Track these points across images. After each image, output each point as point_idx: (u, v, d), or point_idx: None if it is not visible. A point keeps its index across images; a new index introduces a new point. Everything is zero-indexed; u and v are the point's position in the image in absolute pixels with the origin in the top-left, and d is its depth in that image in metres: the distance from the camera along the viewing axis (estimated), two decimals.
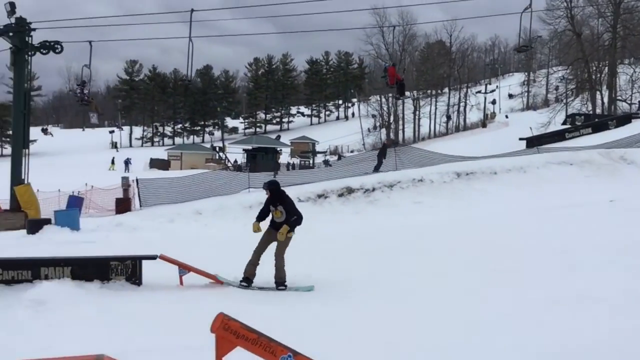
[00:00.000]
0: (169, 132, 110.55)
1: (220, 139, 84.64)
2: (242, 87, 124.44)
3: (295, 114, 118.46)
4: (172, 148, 77.45)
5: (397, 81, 19.84)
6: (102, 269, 8.15)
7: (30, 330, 6.01)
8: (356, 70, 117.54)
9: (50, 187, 24.18)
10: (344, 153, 67.68)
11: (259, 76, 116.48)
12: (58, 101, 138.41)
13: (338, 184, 19.63)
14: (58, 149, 79.56)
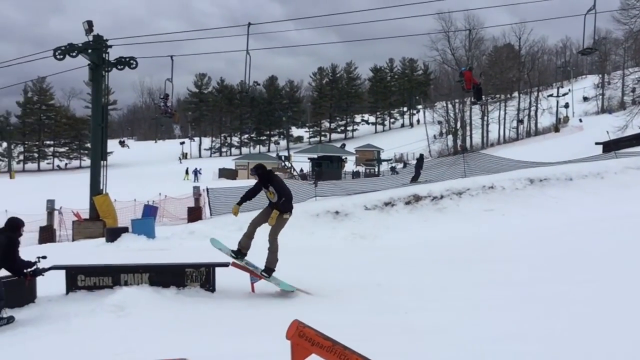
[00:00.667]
0: (236, 142, 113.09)
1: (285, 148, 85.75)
2: (306, 97, 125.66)
3: (359, 122, 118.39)
4: (239, 158, 79.12)
5: (473, 85, 19.38)
6: (177, 275, 8.39)
7: (112, 334, 6.25)
8: (421, 76, 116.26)
9: (126, 197, 25.24)
10: (409, 161, 66.94)
11: (323, 85, 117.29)
12: (132, 114, 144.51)
13: (405, 192, 19.40)
14: (133, 160, 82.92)
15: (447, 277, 9.65)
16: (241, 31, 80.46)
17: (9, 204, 25.99)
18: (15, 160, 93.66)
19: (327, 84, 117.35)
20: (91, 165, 21.35)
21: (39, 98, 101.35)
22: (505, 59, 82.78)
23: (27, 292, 8.16)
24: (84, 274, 8.38)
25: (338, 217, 18.20)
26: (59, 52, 19.24)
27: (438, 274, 10.00)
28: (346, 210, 18.47)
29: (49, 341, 6.22)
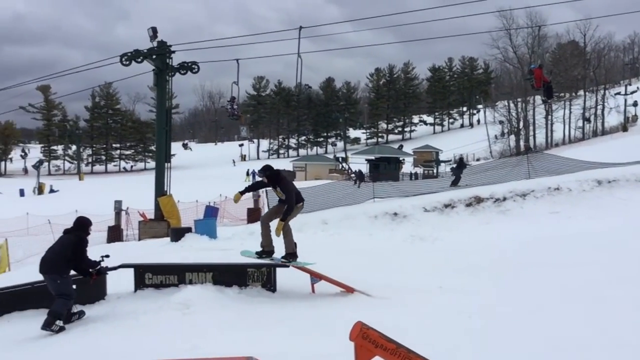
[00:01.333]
0: (293, 144, 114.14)
1: (342, 149, 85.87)
2: (363, 98, 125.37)
3: (417, 122, 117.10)
4: (296, 159, 79.84)
5: (544, 83, 18.76)
6: (240, 275, 8.55)
7: (178, 331, 6.44)
8: (481, 75, 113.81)
9: (189, 198, 25.93)
10: (469, 162, 65.67)
11: (380, 86, 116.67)
12: (193, 117, 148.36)
13: (466, 193, 19.05)
14: (194, 162, 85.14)
15: (512, 280, 9.41)
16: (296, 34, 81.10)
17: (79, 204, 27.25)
18: (84, 162, 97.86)
19: (384, 85, 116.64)
20: (156, 167, 21.97)
21: (106, 103, 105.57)
22: (570, 56, 79.87)
23: (97, 289, 8.52)
24: (151, 272, 8.67)
25: (396, 219, 18.07)
26: (126, 58, 19.92)
27: (502, 277, 9.76)
28: (405, 211, 18.32)
29: (118, 337, 6.48)
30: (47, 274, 7.62)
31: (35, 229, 24.16)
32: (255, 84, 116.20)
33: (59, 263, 7.63)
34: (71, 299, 7.69)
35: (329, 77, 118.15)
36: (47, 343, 6.87)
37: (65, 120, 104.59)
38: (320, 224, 18.67)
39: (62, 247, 7.77)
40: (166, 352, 5.28)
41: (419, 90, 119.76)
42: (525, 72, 66.28)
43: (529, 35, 69.28)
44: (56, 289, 7.53)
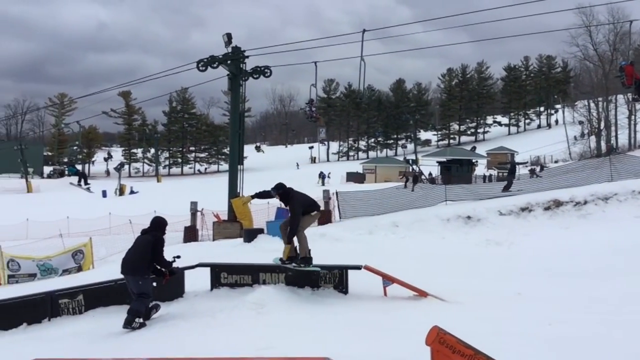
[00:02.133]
0: (363, 146, 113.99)
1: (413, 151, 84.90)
2: (435, 99, 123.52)
3: (491, 123, 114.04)
4: (366, 161, 79.64)
5: (635, 81, 17.81)
6: (312, 277, 8.61)
7: (253, 330, 6.57)
8: (559, 74, 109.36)
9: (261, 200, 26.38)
10: (547, 164, 63.22)
11: (453, 87, 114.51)
12: (264, 121, 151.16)
13: (544, 197, 18.34)
14: (266, 164, 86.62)
15: (594, 288, 8.97)
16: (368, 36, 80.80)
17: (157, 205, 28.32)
18: (161, 165, 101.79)
19: (457, 85, 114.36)
20: (229, 169, 22.52)
21: (182, 107, 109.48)
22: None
23: (176, 287, 8.84)
24: (227, 271, 8.90)
25: (470, 222, 17.67)
26: (202, 64, 20.57)
27: (583, 284, 9.33)
28: (478, 215, 17.88)
29: (197, 333, 6.68)
30: (129, 274, 7.90)
31: (117, 228, 25.29)
32: (326, 87, 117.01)
33: (140, 264, 7.90)
34: (150, 297, 7.97)
35: (399, 79, 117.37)
36: (130, 337, 7.18)
37: (144, 124, 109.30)
38: (390, 227, 18.53)
39: (142, 248, 7.99)
40: (242, 349, 5.39)
41: (493, 90, 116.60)
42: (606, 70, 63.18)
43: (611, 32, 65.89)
44: (137, 289, 7.83)
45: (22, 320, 8.89)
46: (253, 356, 4.44)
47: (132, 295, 7.87)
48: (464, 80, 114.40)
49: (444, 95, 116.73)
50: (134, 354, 5.47)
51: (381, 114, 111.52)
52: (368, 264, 8.74)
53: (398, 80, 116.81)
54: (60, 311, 8.99)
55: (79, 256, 18.34)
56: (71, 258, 18.33)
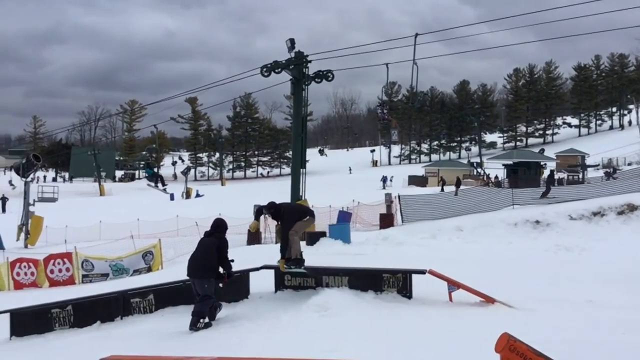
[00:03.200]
0: (425, 149, 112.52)
1: (477, 154, 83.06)
2: (500, 100, 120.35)
3: (560, 125, 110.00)
4: (429, 165, 78.60)
5: None
6: (375, 280, 8.56)
7: (317, 332, 6.60)
8: (633, 73, 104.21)
9: (323, 203, 26.48)
10: (619, 166, 60.37)
11: (519, 87, 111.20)
12: (326, 124, 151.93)
13: (617, 201, 17.55)
14: (327, 167, 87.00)
15: None
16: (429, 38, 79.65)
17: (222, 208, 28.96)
18: (225, 169, 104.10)
19: (524, 86, 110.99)
20: (292, 173, 22.75)
21: (245, 112, 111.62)
22: None
23: (242, 288, 9.01)
24: (290, 274, 8.98)
25: (539, 227, 17.12)
26: (265, 70, 20.90)
27: None
28: (548, 219, 17.30)
29: (262, 334, 6.78)
30: (195, 277, 8.07)
31: (184, 230, 26.02)
32: (387, 90, 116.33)
33: (207, 267, 8.05)
34: (213, 299, 8.12)
35: (463, 80, 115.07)
36: (197, 336, 7.38)
37: (209, 129, 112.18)
38: (454, 231, 18.22)
39: (207, 250, 8.11)
40: (307, 351, 5.42)
41: (563, 90, 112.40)
42: None
43: None
44: (202, 291, 7.98)
45: (96, 318, 9.30)
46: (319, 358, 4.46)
47: (197, 296, 8.07)
48: (531, 81, 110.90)
49: (511, 96, 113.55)
50: (202, 352, 5.61)
51: (444, 116, 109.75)
52: (432, 269, 8.60)
53: (462, 81, 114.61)
54: (132, 310, 9.35)
55: (148, 257, 18.99)
56: (141, 259, 19.01)
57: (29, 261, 18.94)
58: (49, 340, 8.96)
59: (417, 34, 19.22)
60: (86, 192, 68.28)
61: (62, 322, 9.48)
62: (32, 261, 18.90)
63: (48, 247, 24.84)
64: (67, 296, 10.81)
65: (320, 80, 21.47)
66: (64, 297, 10.51)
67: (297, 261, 8.80)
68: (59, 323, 9.49)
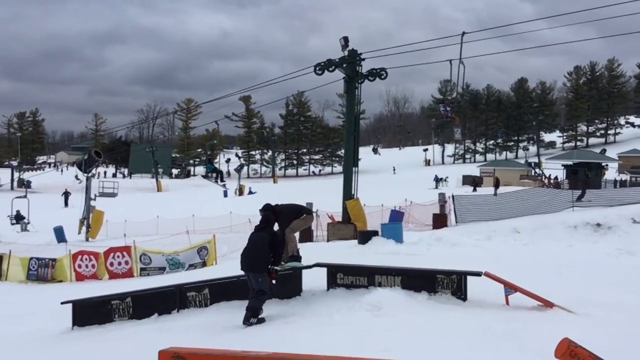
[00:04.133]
0: (480, 148, 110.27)
1: (535, 154, 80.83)
2: (560, 99, 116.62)
3: (623, 124, 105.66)
4: (484, 164, 77.06)
5: None
6: (429, 281, 8.44)
7: (370, 331, 6.56)
8: None
9: (374, 202, 26.37)
10: None
11: (580, 85, 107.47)
12: (378, 123, 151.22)
13: None
14: (379, 166, 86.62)
15: None
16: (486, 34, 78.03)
17: None
18: (277, 166, 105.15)
19: (585, 84, 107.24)
20: (344, 171, 22.76)
21: (298, 110, 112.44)
22: None
23: (294, 285, 9.08)
24: (343, 272, 8.98)
25: (600, 230, 16.51)
26: (319, 68, 20.98)
27: None
28: (610, 222, 16.67)
29: (314, 331, 6.81)
30: (250, 271, 8.16)
31: (237, 227, 26.43)
32: (442, 88, 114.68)
33: (260, 261, 8.14)
34: (267, 294, 8.22)
35: (521, 78, 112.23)
36: (251, 331, 7.48)
37: (262, 127, 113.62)
38: (511, 233, 17.80)
39: (260, 244, 8.19)
40: (360, 350, 5.40)
41: (626, 89, 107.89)
42: None
43: None
44: (257, 286, 8.06)
45: (154, 311, 9.56)
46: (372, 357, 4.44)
47: (251, 291, 8.17)
48: (592, 79, 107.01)
49: (571, 95, 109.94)
50: (255, 347, 5.67)
51: (501, 114, 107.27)
52: (488, 271, 8.41)
53: (520, 79, 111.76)
54: (188, 303, 9.57)
55: (203, 252, 19.39)
56: (196, 254, 19.42)
57: (90, 254, 19.68)
58: (109, 331, 9.27)
59: (464, 32, 19.05)
60: (144, 187, 70.37)
61: (121, 313, 9.80)
62: (93, 254, 19.63)
63: (108, 241, 25.76)
64: (126, 288, 11.17)
65: (373, 78, 21.37)
66: (123, 290, 10.87)
67: (293, 258, 9.23)
68: (118, 314, 9.82)
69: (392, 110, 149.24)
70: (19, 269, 20.47)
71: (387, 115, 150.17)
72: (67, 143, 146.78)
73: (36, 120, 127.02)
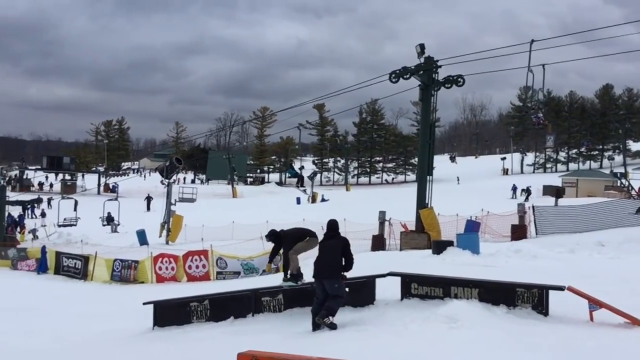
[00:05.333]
0: (562, 157, 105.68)
1: (621, 164, 76.60)
2: None
3: None
4: (566, 174, 73.69)
5: None
6: (508, 294, 8.15)
7: (445, 344, 6.41)
8: None
9: (449, 211, 25.80)
10: None
11: None
12: (453, 131, 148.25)
13: None
14: (454, 175, 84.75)
15: None
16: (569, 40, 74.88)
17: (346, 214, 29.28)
18: (350, 174, 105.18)
19: None
20: (418, 180, 22.44)
21: (371, 118, 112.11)
22: None
23: (367, 294, 9.03)
24: (417, 282, 8.83)
25: None
26: (394, 76, 20.82)
27: None
28: None
29: (389, 342, 6.73)
30: (326, 278, 8.28)
31: None
32: (521, 95, 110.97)
33: (336, 267, 8.29)
34: (344, 299, 8.29)
35: (606, 84, 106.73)
36: (324, 338, 7.49)
37: (336, 135, 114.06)
38: (595, 246, 16.93)
39: (335, 251, 8.36)
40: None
41: None
42: None
43: None
44: (334, 291, 8.19)
45: (230, 314, 9.80)
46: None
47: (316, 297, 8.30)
48: None
49: None
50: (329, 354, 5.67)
51: (584, 122, 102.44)
52: (571, 285, 8.03)
53: (605, 85, 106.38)
54: (262, 308, 9.74)
55: (277, 258, 19.60)
56: None
57: (170, 257, 20.42)
58: (187, 332, 9.58)
59: (533, 40, 18.69)
60: (220, 193, 72.33)
61: (199, 315, 10.11)
62: (172, 257, 20.36)
63: (187, 244, 26.61)
64: (203, 291, 11.51)
65: (450, 85, 20.98)
66: (201, 292, 11.20)
67: (294, 276, 9.72)
68: (196, 316, 10.13)
69: (468, 117, 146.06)
70: (103, 270, 21.55)
71: (463, 123, 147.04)
72: (149, 150, 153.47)
73: (122, 128, 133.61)
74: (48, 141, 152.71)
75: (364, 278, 9.07)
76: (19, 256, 25.03)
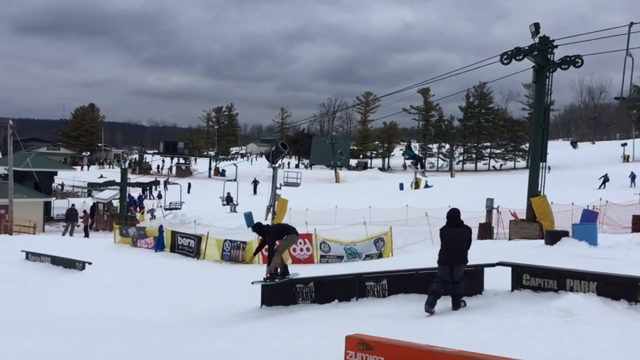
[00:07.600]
0: None
1: None
2: None
3: None
4: None
5: None
6: (629, 289, 7.59)
7: (560, 338, 6.09)
8: None
9: (563, 200, 24.44)
10: None
11: None
12: (569, 115, 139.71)
13: None
14: (572, 162, 79.96)
15: None
16: None
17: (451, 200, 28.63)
18: (455, 160, 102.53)
19: None
20: (530, 166, 21.44)
21: (479, 102, 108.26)
22: None
23: (476, 283, 8.79)
24: (529, 273, 8.47)
25: None
26: (506, 57, 19.90)
27: None
28: None
29: (499, 333, 6.51)
30: (458, 263, 8.41)
31: (413, 220, 26.29)
32: None
33: (465, 254, 8.48)
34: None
35: None
36: (430, 325, 7.38)
37: (441, 120, 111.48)
38: None
39: (466, 238, 8.57)
40: (548, 357, 5.06)
41: None
42: None
43: None
44: (460, 277, 8.37)
45: (334, 297, 9.93)
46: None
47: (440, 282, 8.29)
48: None
49: None
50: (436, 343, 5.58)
51: None
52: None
53: None
54: (366, 292, 9.78)
55: (379, 243, 19.62)
56: (373, 245, 19.72)
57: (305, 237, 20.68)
58: (293, 312, 9.84)
59: (632, 23, 17.11)
60: (323, 178, 73.34)
61: (304, 297, 10.34)
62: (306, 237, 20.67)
63: None
64: (308, 274, 11.75)
65: (567, 66, 19.77)
66: (305, 275, 11.44)
67: (273, 276, 10.61)
68: (302, 297, 10.38)
69: (585, 100, 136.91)
70: (214, 250, 22.59)
71: (580, 107, 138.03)
72: (256, 135, 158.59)
73: (231, 114, 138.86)
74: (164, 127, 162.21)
75: (472, 267, 8.82)
76: (139, 234, 26.85)
